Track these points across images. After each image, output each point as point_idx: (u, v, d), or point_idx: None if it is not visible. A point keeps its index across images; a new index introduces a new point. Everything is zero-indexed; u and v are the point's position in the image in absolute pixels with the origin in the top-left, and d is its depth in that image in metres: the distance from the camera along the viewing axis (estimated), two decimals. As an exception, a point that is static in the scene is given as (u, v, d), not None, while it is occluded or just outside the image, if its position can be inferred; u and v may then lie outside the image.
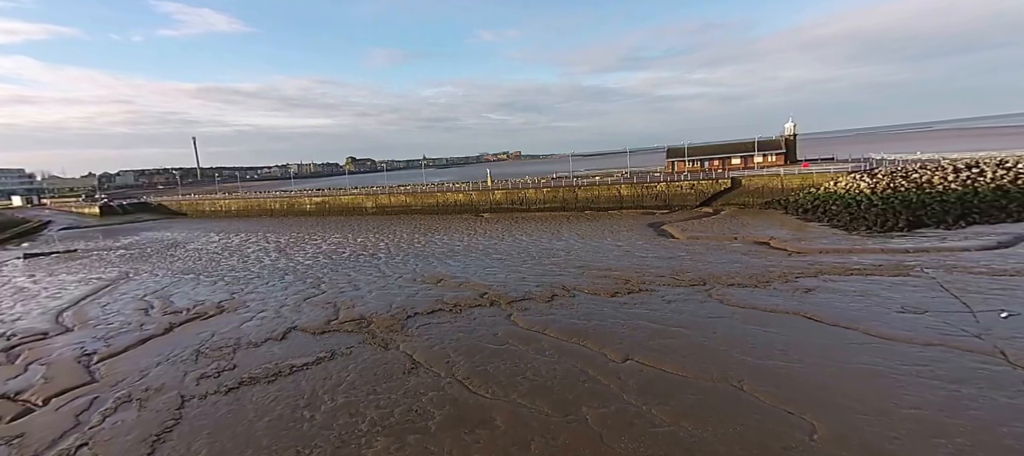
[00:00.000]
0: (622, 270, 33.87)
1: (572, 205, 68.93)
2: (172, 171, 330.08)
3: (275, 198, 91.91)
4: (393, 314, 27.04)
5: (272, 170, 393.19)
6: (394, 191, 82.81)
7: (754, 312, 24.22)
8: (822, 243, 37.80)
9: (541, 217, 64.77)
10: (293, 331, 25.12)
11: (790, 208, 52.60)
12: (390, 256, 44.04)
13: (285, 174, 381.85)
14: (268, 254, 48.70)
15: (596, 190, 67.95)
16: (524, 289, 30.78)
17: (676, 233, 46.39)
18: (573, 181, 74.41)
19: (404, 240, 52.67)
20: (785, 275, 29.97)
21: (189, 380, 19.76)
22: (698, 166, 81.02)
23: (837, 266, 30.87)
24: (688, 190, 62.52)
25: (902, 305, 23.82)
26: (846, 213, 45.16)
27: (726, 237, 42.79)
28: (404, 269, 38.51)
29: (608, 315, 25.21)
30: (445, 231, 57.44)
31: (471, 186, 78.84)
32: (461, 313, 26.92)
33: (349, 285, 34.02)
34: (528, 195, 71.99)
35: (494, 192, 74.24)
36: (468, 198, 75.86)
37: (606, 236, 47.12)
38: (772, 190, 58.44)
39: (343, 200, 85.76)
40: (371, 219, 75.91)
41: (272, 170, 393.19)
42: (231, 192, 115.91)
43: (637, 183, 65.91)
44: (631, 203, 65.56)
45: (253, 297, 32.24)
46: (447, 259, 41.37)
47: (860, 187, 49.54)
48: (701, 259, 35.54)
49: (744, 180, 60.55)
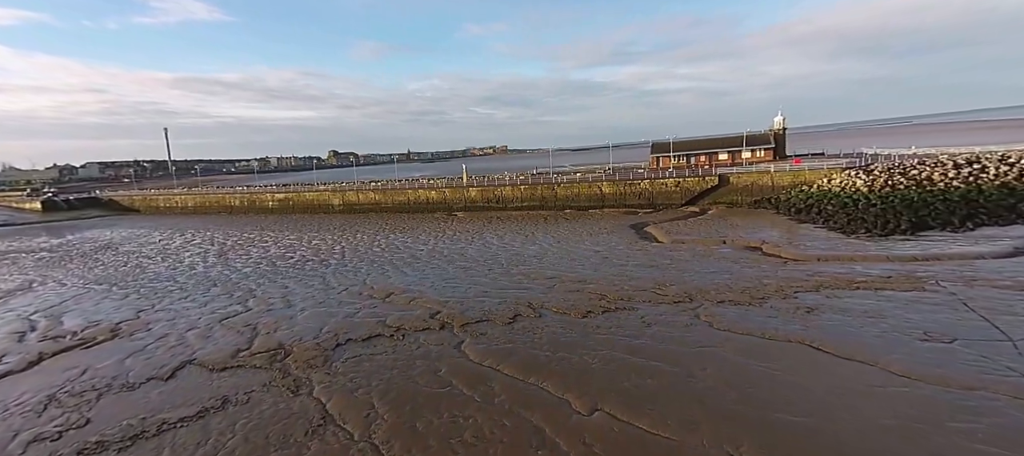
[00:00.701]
0: (598, 282, 29.67)
1: (551, 203, 64.67)
2: (144, 163, 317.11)
3: (236, 194, 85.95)
4: (320, 341, 22.43)
5: (250, 163, 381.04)
6: (363, 188, 77.63)
7: (749, 340, 20.18)
8: (820, 248, 34.08)
9: (518, 216, 60.40)
10: (188, 366, 20.37)
11: (782, 207, 49.01)
12: (342, 263, 39.27)
13: (264, 167, 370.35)
14: (206, 259, 43.51)
15: (576, 188, 63.77)
16: (484, 307, 26.40)
17: (660, 236, 42.41)
18: (552, 178, 70.10)
19: (363, 243, 47.86)
20: (782, 288, 26.06)
21: (15, 445, 14.97)
22: (684, 162, 77.33)
23: (840, 278, 27.06)
24: (673, 188, 58.66)
25: (924, 330, 19.98)
26: (843, 214, 41.60)
27: (714, 241, 38.91)
28: (352, 280, 33.82)
29: (577, 343, 20.96)
30: (412, 232, 52.74)
31: (445, 183, 74.08)
32: (404, 339, 22.43)
33: (281, 301, 29.24)
34: (504, 193, 67.52)
35: (468, 190, 69.61)
36: (441, 196, 71.11)
37: (584, 239, 42.95)
38: (762, 188, 54.85)
39: (308, 197, 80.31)
40: (336, 218, 70.74)
41: (250, 163, 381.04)
42: (191, 187, 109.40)
43: (619, 180, 61.87)
44: (613, 201, 61.52)
45: (162, 316, 27.28)
46: (405, 267, 36.77)
47: (856, 185, 46.08)
48: (687, 268, 31.52)
49: (732, 177, 56.88)
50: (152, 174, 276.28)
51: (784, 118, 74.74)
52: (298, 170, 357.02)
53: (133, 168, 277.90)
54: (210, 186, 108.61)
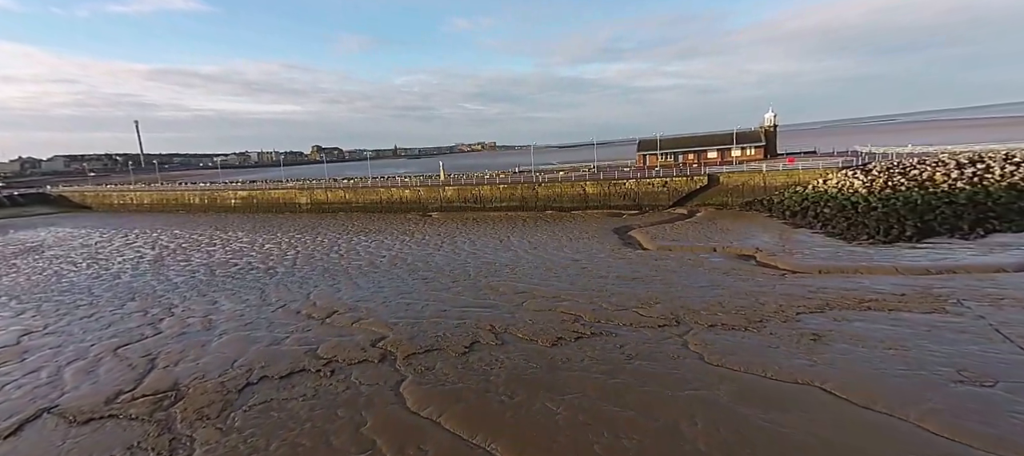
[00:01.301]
0: (574, 298, 25.92)
1: (532, 204, 60.83)
2: (115, 157, 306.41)
3: (196, 191, 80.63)
4: (227, 380, 18.31)
5: (229, 157, 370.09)
6: (332, 186, 72.98)
7: (748, 380, 16.57)
8: (820, 257, 30.73)
9: (496, 218, 56.47)
10: (46, 415, 16.17)
11: (775, 210, 45.76)
12: (290, 272, 35.01)
13: (244, 162, 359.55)
14: (137, 265, 38.90)
15: (558, 187, 60.01)
16: (439, 330, 22.48)
17: (645, 241, 38.83)
18: (534, 177, 66.28)
19: (322, 247, 43.54)
20: (782, 308, 22.55)
21: None
22: (671, 160, 74.01)
23: (847, 295, 23.63)
24: (660, 188, 55.18)
25: (957, 367, 16.54)
26: (842, 217, 38.40)
27: (703, 247, 35.43)
28: (296, 293, 29.63)
29: (542, 383, 17.17)
30: (378, 235, 48.52)
31: (420, 182, 69.80)
32: (332, 377, 18.42)
33: (202, 321, 24.97)
34: (483, 193, 63.50)
35: (445, 189, 65.45)
36: (416, 195, 66.85)
37: (563, 245, 39.22)
38: (753, 188, 51.61)
39: (274, 195, 75.42)
40: (301, 218, 66.10)
41: (229, 157, 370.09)
42: (151, 183, 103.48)
43: (604, 180, 58.25)
44: (597, 202, 57.88)
45: (50, 341, 22.89)
46: (360, 278, 32.65)
47: (854, 186, 42.98)
48: (674, 281, 27.92)
49: (722, 177, 53.57)
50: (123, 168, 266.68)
51: (775, 115, 71.78)
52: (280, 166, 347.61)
53: (104, 162, 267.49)
54: (176, 182, 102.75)
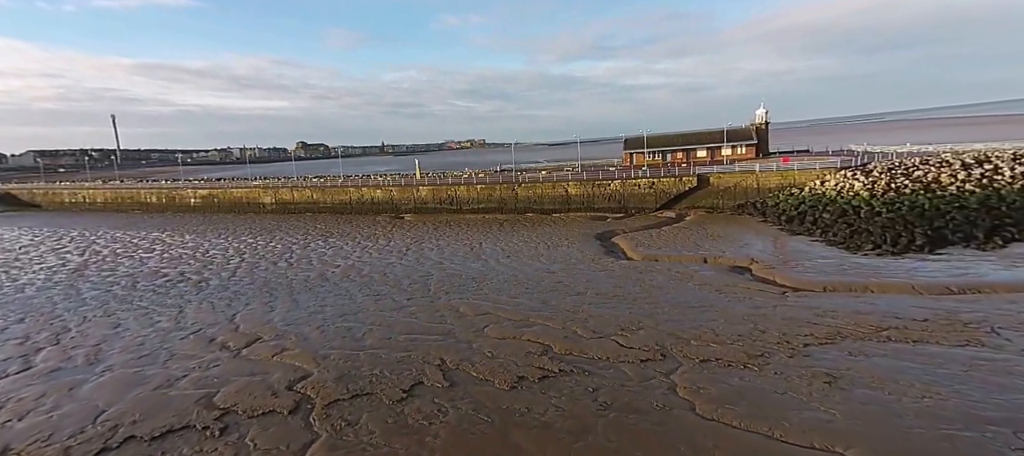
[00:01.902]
0: (544, 321, 22.08)
1: (511, 206, 56.90)
2: (91, 153, 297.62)
3: (154, 189, 75.39)
4: (79, 442, 14.14)
5: (210, 153, 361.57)
6: (299, 185, 68.35)
7: (753, 441, 12.87)
8: (823, 271, 27.25)
9: (472, 221, 52.48)
10: None
11: (769, 214, 42.37)
12: (224, 286, 30.69)
13: (226, 158, 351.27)
14: (54, 275, 34.32)
15: (539, 188, 56.14)
16: (376, 367, 18.50)
17: (629, 250, 35.16)
18: (515, 176, 62.38)
19: (272, 255, 39.18)
20: (786, 338, 18.93)
21: None
22: (659, 159, 70.58)
23: (861, 320, 20.08)
24: (647, 190, 51.58)
25: (1015, 427, 12.99)
26: (843, 224, 35.05)
27: (693, 257, 31.84)
28: (220, 313, 25.39)
29: (490, 447, 13.29)
30: (340, 239, 44.24)
31: (392, 181, 65.50)
32: (219, 437, 14.37)
33: (88, 353, 20.64)
34: (459, 193, 59.41)
35: (419, 189, 61.24)
36: (388, 195, 62.54)
37: (540, 253, 35.39)
38: (746, 190, 48.22)
39: (236, 194, 70.58)
40: (263, 219, 61.43)
41: (210, 153, 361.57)
42: (124, 179, 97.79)
43: (587, 181, 54.50)
44: (580, 204, 54.13)
45: None
46: (302, 293, 28.48)
47: (854, 188, 39.73)
48: (660, 299, 24.21)
49: (713, 178, 50.11)
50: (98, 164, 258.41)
51: (766, 112, 68.67)
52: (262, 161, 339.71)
53: (77, 157, 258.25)
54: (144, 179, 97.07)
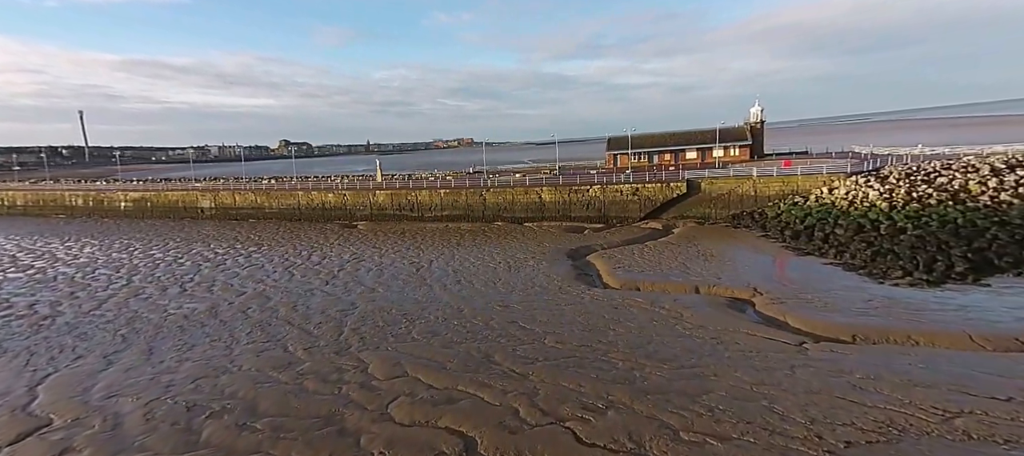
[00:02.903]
0: (477, 390, 15.69)
1: (478, 213, 50.45)
2: (61, 150, 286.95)
3: (80, 191, 67.78)
4: None
5: (186, 151, 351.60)
6: (242, 188, 61.27)
7: None
8: (847, 308, 21.18)
9: (432, 230, 45.97)
10: None
11: (770, 227, 36.38)
12: (76, 322, 23.88)
13: (202, 157, 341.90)
14: None
15: (510, 194, 49.73)
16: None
17: (605, 272, 28.91)
18: (484, 181, 56.00)
19: (172, 275, 32.23)
20: (816, 430, 12.81)
21: None
22: (645, 161, 64.62)
23: (917, 397, 13.96)
24: (630, 197, 45.41)
25: None
26: (861, 242, 29.09)
27: (682, 285, 25.68)
28: (23, 376, 18.60)
29: None
30: (266, 254, 37.38)
31: (347, 183, 58.76)
32: None
33: None
34: (421, 199, 52.81)
35: (376, 193, 54.52)
36: (341, 200, 55.71)
37: (498, 276, 29.02)
38: (742, 198, 42.25)
39: (171, 197, 63.27)
40: (195, 226, 54.21)
41: (186, 151, 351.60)
42: (69, 179, 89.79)
43: (563, 186, 48.21)
44: (555, 212, 47.82)
45: None
46: (167, 337, 21.78)
47: (869, 197, 33.88)
48: (640, 352, 17.93)
49: (704, 183, 44.07)
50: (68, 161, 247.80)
51: (762, 110, 63.01)
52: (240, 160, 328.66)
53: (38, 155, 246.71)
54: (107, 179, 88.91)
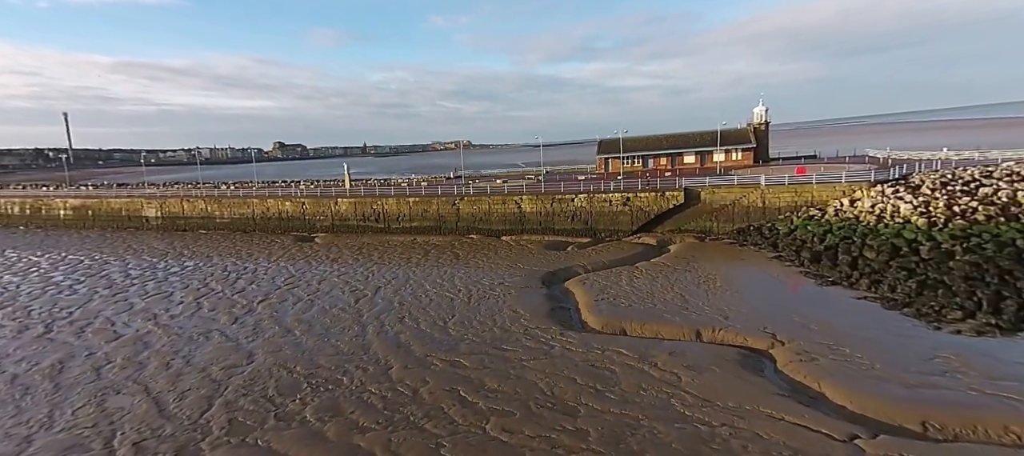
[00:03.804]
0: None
1: (450, 225, 44.88)
2: (48, 152, 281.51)
3: (17, 199, 61.92)
4: None
5: (177, 154, 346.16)
6: (191, 195, 55.51)
7: None
8: (905, 371, 15.65)
9: (396, 245, 40.42)
10: None
11: (783, 246, 30.85)
12: None
13: (193, 158, 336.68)
14: None
15: (486, 203, 44.15)
16: None
17: (585, 306, 23.39)
18: (458, 189, 50.45)
19: (41, 310, 26.48)
20: None
21: None
22: (639, 165, 59.17)
23: None
24: (620, 207, 39.90)
25: None
26: (900, 270, 23.57)
27: (679, 328, 20.18)
28: None
29: None
30: (189, 273, 31.66)
31: (308, 190, 53.16)
32: None
33: None
34: (387, 208, 47.20)
35: (338, 202, 48.86)
36: (299, 209, 50.04)
37: (453, 310, 23.48)
38: (747, 210, 36.78)
39: (114, 205, 57.51)
40: (136, 237, 48.52)
41: (177, 154, 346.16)
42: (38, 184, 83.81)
43: (546, 195, 42.66)
44: (536, 225, 42.29)
45: None
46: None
47: (901, 211, 28.44)
48: (620, 445, 12.33)
49: (704, 193, 38.60)
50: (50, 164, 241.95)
51: (766, 110, 57.65)
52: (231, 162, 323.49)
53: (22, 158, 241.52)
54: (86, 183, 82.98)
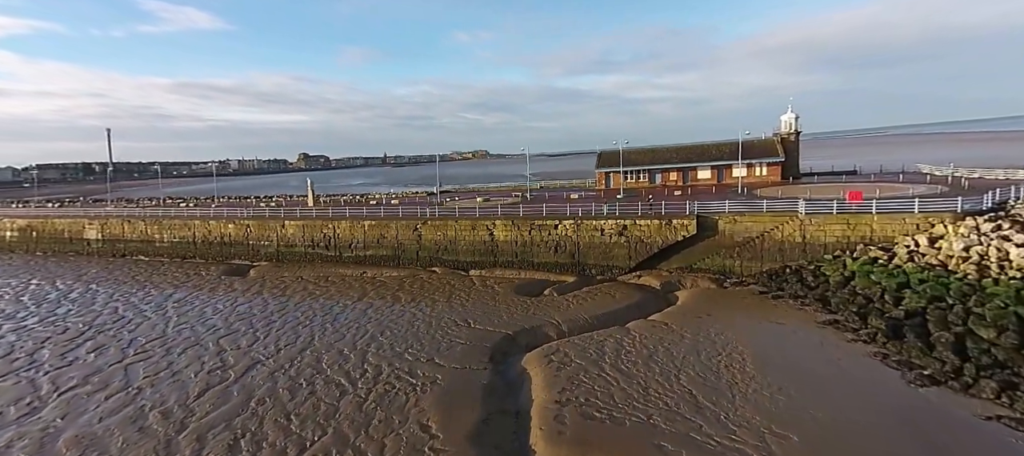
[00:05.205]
0: None
1: (410, 255, 37.00)
2: (94, 166, 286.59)
3: None
4: None
5: (208, 166, 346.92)
6: (133, 217, 48.49)
7: None
8: None
9: (339, 280, 32.73)
10: None
11: (838, 304, 22.04)
12: None
13: (223, 171, 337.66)
14: None
15: (452, 229, 36.12)
16: None
17: (540, 415, 15.12)
18: (421, 211, 42.64)
19: None
20: None
21: None
22: (645, 181, 50.73)
23: None
24: (614, 238, 31.54)
25: None
26: (1042, 364, 14.80)
27: None
28: None
29: None
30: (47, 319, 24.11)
31: (254, 211, 45.76)
32: None
33: None
34: (339, 232, 39.50)
35: (285, 225, 41.30)
36: (242, 232, 42.61)
37: (337, 408, 15.46)
38: (782, 246, 28.13)
39: (57, 226, 50.87)
40: (64, 264, 41.71)
41: (208, 166, 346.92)
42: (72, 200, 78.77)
43: (524, 220, 34.46)
44: (511, 256, 34.15)
45: None
46: None
47: (1012, 258, 19.64)
48: None
49: (723, 221, 30.08)
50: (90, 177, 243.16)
51: (796, 118, 48.79)
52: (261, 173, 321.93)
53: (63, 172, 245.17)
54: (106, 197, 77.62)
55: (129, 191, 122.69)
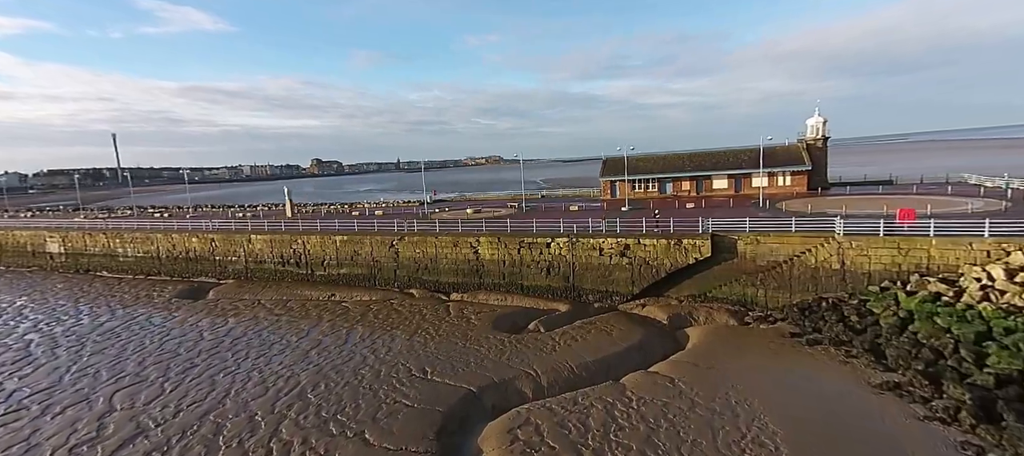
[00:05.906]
0: None
1: (387, 274, 32.91)
2: (104, 171, 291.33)
3: None
4: None
5: (220, 171, 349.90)
6: (95, 229, 45.26)
7: None
8: None
9: (302, 303, 28.84)
10: None
11: (892, 352, 17.23)
12: None
13: (235, 176, 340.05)
14: None
15: (432, 246, 31.87)
16: None
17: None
18: (397, 226, 38.60)
19: None
20: None
21: None
22: (655, 190, 46.03)
23: None
24: (615, 260, 26.98)
25: None
26: None
27: None
28: None
29: None
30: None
31: (217, 228, 42.08)
32: None
33: None
34: (310, 248, 35.58)
35: (252, 240, 37.54)
36: (207, 247, 38.98)
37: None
38: (816, 274, 23.28)
39: (20, 239, 47.91)
40: (23, 279, 38.68)
41: (220, 171, 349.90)
42: None
43: (512, 237, 30.06)
44: (498, 277, 29.81)
45: None
46: None
47: None
48: None
49: (743, 242, 25.35)
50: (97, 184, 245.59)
51: (825, 122, 43.64)
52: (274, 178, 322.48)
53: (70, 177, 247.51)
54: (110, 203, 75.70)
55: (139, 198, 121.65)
